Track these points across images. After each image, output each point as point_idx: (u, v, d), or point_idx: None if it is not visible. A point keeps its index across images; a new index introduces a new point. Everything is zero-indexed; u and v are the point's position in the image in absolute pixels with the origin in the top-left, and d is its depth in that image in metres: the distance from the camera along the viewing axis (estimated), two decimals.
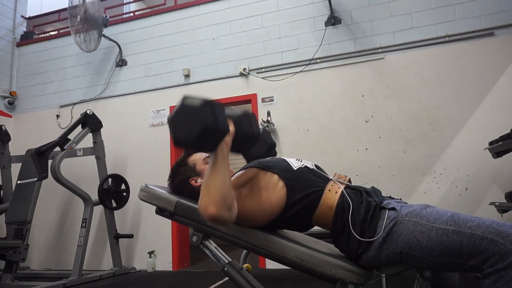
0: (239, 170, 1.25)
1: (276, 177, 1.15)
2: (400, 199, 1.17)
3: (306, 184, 1.14)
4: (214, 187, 0.96)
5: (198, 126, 0.94)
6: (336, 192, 1.12)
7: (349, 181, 1.21)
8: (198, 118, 0.94)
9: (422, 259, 0.96)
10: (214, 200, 0.94)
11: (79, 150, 3.76)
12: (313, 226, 1.19)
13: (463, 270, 0.93)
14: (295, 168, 1.19)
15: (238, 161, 5.09)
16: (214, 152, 1.00)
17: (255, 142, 1.17)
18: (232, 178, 1.18)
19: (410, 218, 0.99)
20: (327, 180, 1.18)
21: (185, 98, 0.98)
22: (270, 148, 1.55)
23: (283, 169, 1.18)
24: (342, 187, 1.14)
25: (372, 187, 1.20)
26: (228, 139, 1.03)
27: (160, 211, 1.28)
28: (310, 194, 1.12)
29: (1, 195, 4.01)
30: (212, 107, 0.97)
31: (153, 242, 3.87)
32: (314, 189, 1.13)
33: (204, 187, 0.98)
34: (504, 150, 2.55)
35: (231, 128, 1.05)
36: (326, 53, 3.67)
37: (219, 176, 0.98)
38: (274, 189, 1.14)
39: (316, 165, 1.27)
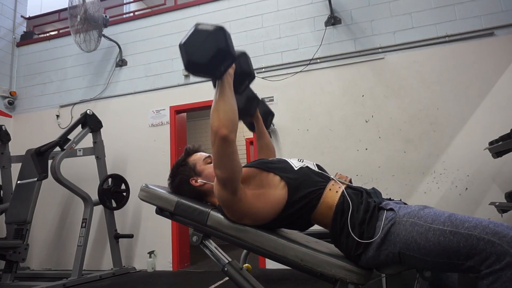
0: None
1: (277, 178, 1.16)
2: (400, 200, 1.17)
3: (307, 183, 1.14)
4: (224, 112, 1.02)
5: (213, 48, 0.99)
6: (336, 192, 1.12)
7: (350, 181, 1.21)
8: (213, 40, 0.99)
9: (420, 260, 0.96)
10: (225, 123, 1.01)
11: (79, 150, 3.76)
12: (312, 225, 1.19)
13: (460, 270, 0.93)
14: (296, 168, 1.19)
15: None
16: (221, 79, 1.06)
17: (251, 82, 1.26)
18: None
19: (407, 218, 1.00)
20: (328, 179, 1.18)
21: (197, 24, 1.03)
22: (250, 100, 1.55)
23: (284, 169, 1.18)
24: (343, 187, 1.14)
25: (373, 188, 1.20)
26: (231, 71, 1.10)
27: (160, 211, 1.28)
28: (311, 193, 1.12)
29: (1, 195, 4.01)
30: (224, 32, 1.03)
31: (153, 242, 3.87)
32: (315, 188, 1.13)
33: (214, 111, 1.03)
34: (504, 150, 2.55)
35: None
36: (326, 53, 3.67)
37: (228, 102, 1.04)
38: (275, 189, 1.14)
39: (317, 165, 1.27)
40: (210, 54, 0.99)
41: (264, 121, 1.67)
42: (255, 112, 1.61)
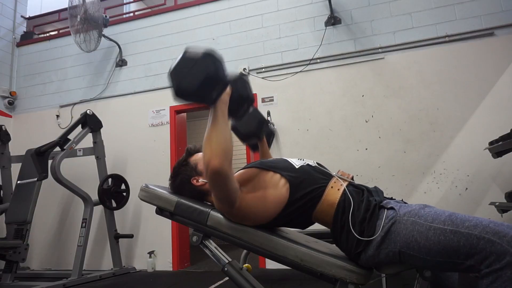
0: (240, 169, 1.25)
1: (278, 176, 1.16)
2: (401, 199, 1.17)
3: (309, 181, 1.14)
4: (216, 141, 0.99)
5: (201, 75, 0.96)
6: (338, 189, 1.12)
7: (352, 179, 1.21)
8: (201, 67, 0.97)
9: (420, 259, 0.96)
10: (217, 153, 0.98)
11: (79, 150, 3.76)
12: (313, 223, 1.19)
13: (461, 270, 0.93)
14: (297, 167, 1.19)
15: (238, 163, 5.09)
16: (213, 106, 1.03)
17: (249, 106, 1.19)
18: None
19: (408, 217, 1.00)
20: (330, 176, 1.18)
21: (187, 49, 1.01)
22: (260, 124, 1.55)
23: (285, 168, 1.18)
24: (345, 184, 1.14)
25: (375, 187, 1.21)
26: (226, 97, 1.06)
27: (160, 211, 1.28)
28: (313, 190, 1.12)
29: (1, 195, 4.01)
30: (213, 58, 1.00)
31: (153, 242, 3.87)
32: (317, 186, 1.13)
33: (206, 141, 1.00)
34: (504, 150, 2.55)
35: (228, 88, 1.07)
36: (326, 53, 3.67)
37: (220, 131, 1.01)
38: (276, 188, 1.14)
39: (318, 163, 1.27)
40: (198, 81, 0.96)
41: (267, 141, 1.70)
42: (263, 136, 1.63)
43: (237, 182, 1.12)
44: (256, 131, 1.56)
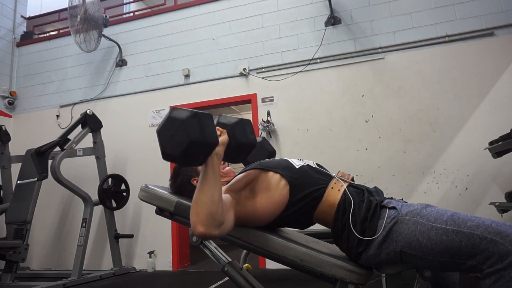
0: (240, 173, 1.24)
1: (278, 176, 1.15)
2: (402, 199, 1.17)
3: (309, 182, 1.14)
4: (203, 205, 0.94)
5: (185, 140, 0.91)
6: (338, 190, 1.12)
7: (352, 179, 1.21)
8: (185, 132, 0.91)
9: (422, 259, 0.96)
10: (202, 219, 0.93)
11: (79, 150, 3.76)
12: (313, 223, 1.19)
13: (462, 270, 0.93)
14: (297, 167, 1.19)
15: (237, 165, 5.07)
16: (204, 165, 0.98)
17: (251, 150, 1.12)
18: (233, 181, 1.18)
19: (410, 217, 1.00)
20: (330, 177, 1.18)
21: (172, 110, 0.96)
22: (270, 157, 1.54)
23: (285, 168, 1.18)
24: (345, 185, 1.14)
25: (375, 187, 1.21)
26: (220, 150, 1.00)
27: (160, 211, 1.28)
28: (313, 191, 1.12)
29: (1, 195, 4.01)
30: (199, 119, 0.93)
31: (153, 242, 3.87)
32: (317, 187, 1.13)
33: (194, 204, 0.96)
34: (504, 150, 2.55)
35: (224, 137, 1.02)
36: (326, 53, 3.67)
37: (207, 193, 0.95)
38: (276, 189, 1.14)
39: (318, 164, 1.27)
40: (183, 147, 0.92)
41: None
42: None
43: (235, 192, 1.11)
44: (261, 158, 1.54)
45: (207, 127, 0.94)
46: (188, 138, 0.91)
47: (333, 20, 3.70)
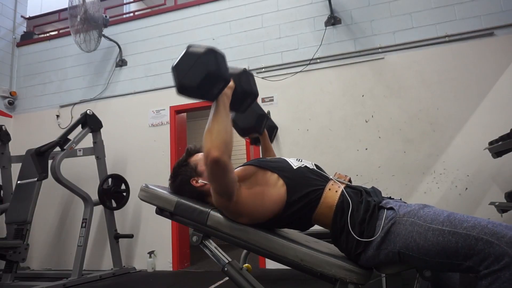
0: (239, 167, 1.25)
1: (275, 176, 1.16)
2: (400, 199, 1.17)
3: (306, 183, 1.14)
4: (217, 133, 1.00)
5: (203, 71, 0.98)
6: (336, 192, 1.12)
7: (349, 181, 1.22)
8: (202, 64, 0.98)
9: (420, 259, 0.96)
10: (217, 144, 0.99)
11: (79, 150, 3.76)
12: (313, 225, 1.19)
13: (460, 270, 0.93)
14: (295, 167, 1.19)
15: (237, 161, 5.07)
16: (215, 101, 1.04)
17: (253, 100, 1.21)
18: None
19: (407, 218, 1.00)
20: (327, 179, 1.18)
21: (189, 47, 1.02)
22: (260, 119, 1.55)
23: (283, 168, 1.18)
24: (342, 186, 1.14)
25: (372, 187, 1.20)
26: (228, 92, 1.07)
27: (160, 211, 1.28)
28: (310, 192, 1.12)
29: (1, 195, 4.01)
30: (215, 54, 1.01)
31: (153, 242, 3.87)
32: (315, 188, 1.13)
33: (207, 133, 1.02)
34: (504, 150, 2.55)
35: (232, 83, 1.08)
36: (326, 53, 3.67)
37: (221, 123, 1.02)
38: (274, 186, 1.14)
39: (316, 165, 1.27)
40: (200, 78, 0.98)
41: (269, 135, 1.69)
42: (264, 131, 1.62)
43: (236, 177, 1.13)
44: (256, 126, 1.55)
45: (223, 63, 1.02)
46: (206, 69, 0.98)
47: (333, 20, 3.70)
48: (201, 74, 0.98)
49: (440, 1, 3.42)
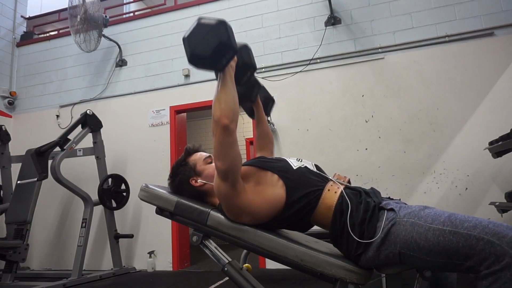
0: None
1: (275, 176, 1.16)
2: (399, 199, 1.17)
3: (305, 184, 1.14)
4: (225, 102, 1.05)
5: (215, 41, 1.02)
6: (335, 192, 1.12)
7: (349, 182, 1.21)
8: (215, 34, 1.03)
9: (420, 260, 0.96)
10: (227, 113, 1.04)
11: (79, 150, 3.76)
12: (312, 226, 1.19)
13: (460, 270, 0.93)
14: (294, 168, 1.19)
15: None
16: (222, 71, 1.08)
17: (253, 73, 1.28)
18: None
19: (408, 219, 0.99)
20: (326, 180, 1.18)
21: (200, 18, 1.07)
22: (253, 86, 1.55)
23: (282, 168, 1.18)
24: (342, 187, 1.14)
25: (372, 188, 1.20)
26: (233, 64, 1.13)
27: (160, 211, 1.28)
28: (309, 193, 1.12)
29: (1, 195, 4.01)
30: (226, 26, 1.05)
31: (153, 242, 3.87)
32: (314, 189, 1.13)
33: (216, 101, 1.06)
34: (504, 150, 2.55)
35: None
36: (326, 53, 3.67)
37: (229, 93, 1.07)
38: (273, 187, 1.14)
39: (316, 165, 1.27)
40: (212, 47, 1.02)
41: (264, 107, 1.66)
42: (256, 99, 1.61)
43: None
44: (248, 93, 1.54)
45: (232, 35, 1.07)
46: (218, 39, 1.02)
47: (333, 20, 3.70)
48: (214, 43, 1.02)
49: (440, 1, 3.42)
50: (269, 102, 1.77)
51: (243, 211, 1.12)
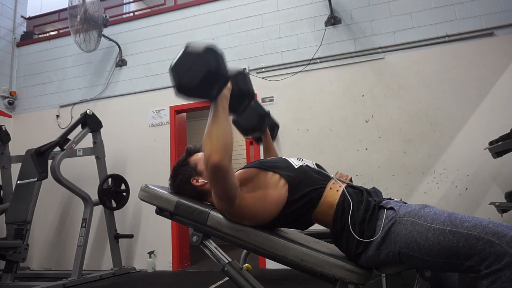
0: (239, 169, 1.25)
1: (277, 176, 1.16)
2: (400, 199, 1.17)
3: (307, 182, 1.14)
4: (217, 137, 1.00)
5: (202, 70, 0.96)
6: (337, 191, 1.12)
7: (351, 180, 1.21)
8: (202, 62, 0.96)
9: (420, 259, 0.96)
10: (218, 148, 0.98)
11: (79, 150, 3.76)
12: (313, 224, 1.19)
13: (460, 270, 0.93)
14: (296, 167, 1.19)
15: (238, 162, 5.06)
16: (214, 102, 1.03)
17: (251, 101, 1.20)
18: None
19: (408, 218, 0.99)
20: (328, 178, 1.18)
21: (187, 46, 1.00)
22: (261, 119, 1.56)
23: (284, 168, 1.18)
24: (344, 186, 1.14)
25: (373, 188, 1.20)
26: (227, 93, 1.06)
27: (160, 211, 1.28)
28: (311, 191, 1.12)
29: (1, 195, 4.01)
30: (214, 53, 0.99)
31: (153, 242, 3.87)
32: (316, 187, 1.13)
33: (207, 136, 1.01)
34: (504, 150, 2.55)
35: (229, 83, 1.07)
36: (326, 53, 3.67)
37: (221, 126, 1.01)
38: (275, 187, 1.14)
39: (317, 164, 1.27)
40: (200, 76, 0.96)
41: (270, 133, 1.70)
42: (266, 129, 1.62)
43: (237, 181, 1.12)
44: (258, 125, 1.56)
45: (222, 62, 1.00)
46: (206, 67, 0.96)
47: (333, 20, 3.70)
48: (201, 72, 0.95)
49: (440, 1, 3.42)
50: (275, 128, 1.80)
51: (244, 217, 1.13)
